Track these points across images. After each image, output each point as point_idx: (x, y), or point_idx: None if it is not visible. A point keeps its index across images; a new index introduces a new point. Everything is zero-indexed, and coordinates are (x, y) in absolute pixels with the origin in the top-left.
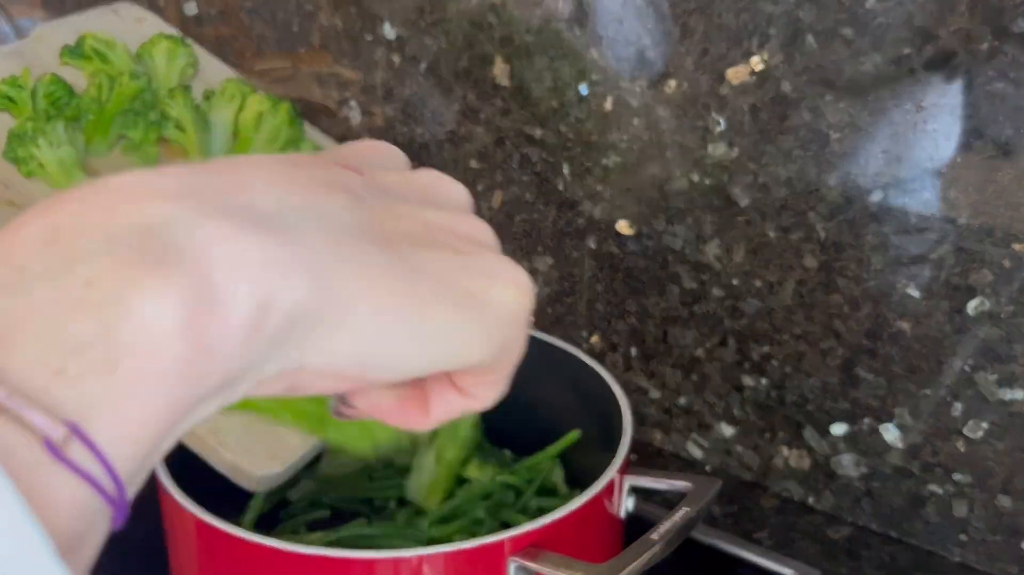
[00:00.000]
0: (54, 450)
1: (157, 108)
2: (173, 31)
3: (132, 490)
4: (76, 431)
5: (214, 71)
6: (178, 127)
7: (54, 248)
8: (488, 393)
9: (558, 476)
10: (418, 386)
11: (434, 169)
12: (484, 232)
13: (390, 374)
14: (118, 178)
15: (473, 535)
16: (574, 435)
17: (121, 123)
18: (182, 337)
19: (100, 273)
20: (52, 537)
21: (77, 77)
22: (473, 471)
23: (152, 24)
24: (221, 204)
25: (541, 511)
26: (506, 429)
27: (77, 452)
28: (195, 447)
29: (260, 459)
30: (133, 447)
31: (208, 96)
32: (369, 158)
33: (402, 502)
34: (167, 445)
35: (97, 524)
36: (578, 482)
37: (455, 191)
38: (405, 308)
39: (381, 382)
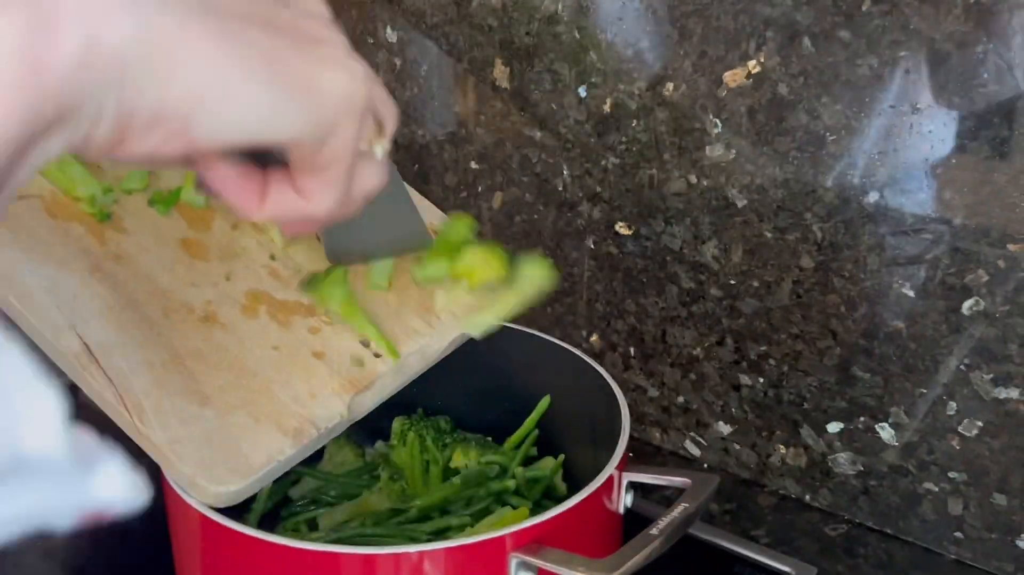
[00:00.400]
0: None
1: None
2: None
3: None
4: None
5: None
6: None
7: None
8: (323, 195)
9: (557, 476)
10: (259, 175)
11: None
12: (329, 33)
13: (209, 134)
14: None
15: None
16: (546, 401)
17: None
18: (17, 56)
19: None
20: None
21: None
22: (458, 459)
23: None
24: None
25: (537, 503)
26: (505, 427)
27: None
28: (155, 457)
29: (219, 474)
30: None
31: None
32: None
33: (401, 506)
34: (18, 174)
35: None
36: (577, 482)
37: (316, 5)
38: (227, 68)
39: (208, 146)
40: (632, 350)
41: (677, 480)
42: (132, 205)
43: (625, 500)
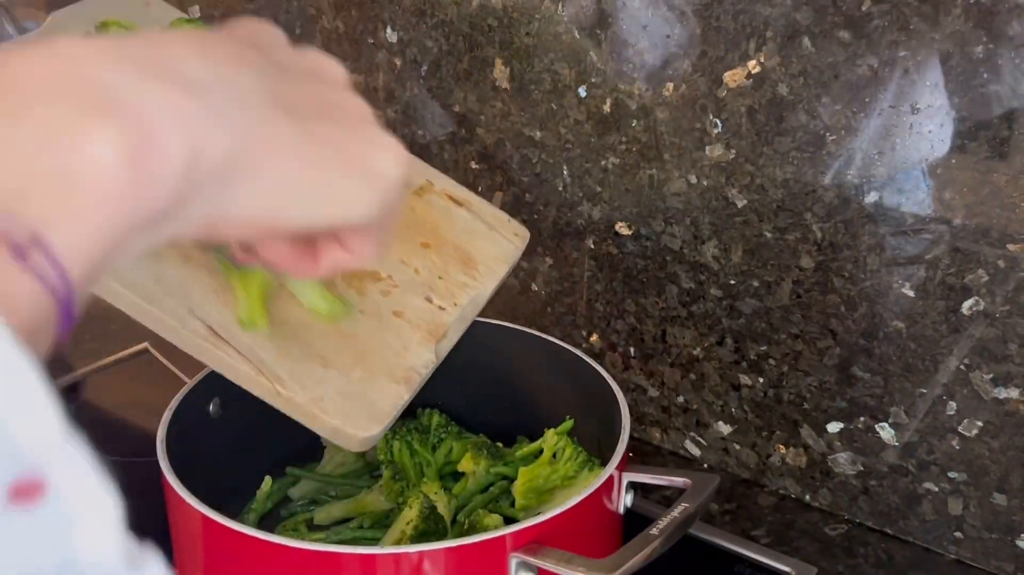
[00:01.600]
0: (19, 252)
1: None
2: (183, 14)
3: (79, 300)
4: (37, 239)
5: None
6: None
7: (12, 95)
8: (369, 248)
9: None
10: (310, 242)
11: (315, 48)
12: (363, 108)
13: (292, 225)
14: (62, 41)
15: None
16: (569, 423)
17: None
18: (124, 171)
19: (56, 115)
20: (12, 327)
21: None
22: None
23: (160, 8)
24: (155, 68)
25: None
26: (506, 427)
27: (37, 258)
28: (298, 417)
29: (361, 422)
30: (82, 258)
31: None
32: (259, 36)
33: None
34: (109, 264)
35: (49, 324)
36: None
37: (336, 70)
38: (307, 168)
39: (284, 233)
40: (632, 350)
41: (677, 480)
42: None
43: (625, 500)
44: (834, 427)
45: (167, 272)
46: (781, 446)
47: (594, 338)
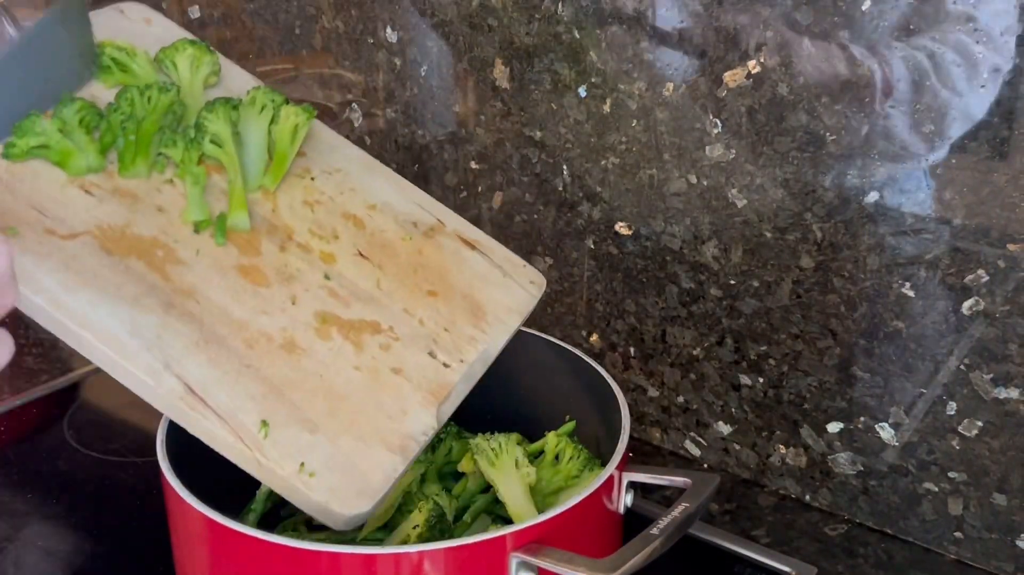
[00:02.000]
0: None
1: (187, 122)
2: (186, 33)
3: None
4: None
5: (232, 77)
6: (215, 142)
7: None
8: None
9: None
10: None
11: None
12: None
13: None
14: None
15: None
16: (571, 425)
17: (158, 141)
18: None
19: None
20: None
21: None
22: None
23: (160, 24)
24: None
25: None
26: (505, 427)
27: None
28: (280, 490)
29: (349, 498)
30: None
31: (235, 107)
32: None
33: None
34: None
35: None
36: None
37: None
38: None
39: None
40: (632, 350)
41: (677, 480)
42: (179, 233)
43: (625, 500)
44: (834, 427)
45: (145, 322)
46: (781, 446)
47: (594, 338)
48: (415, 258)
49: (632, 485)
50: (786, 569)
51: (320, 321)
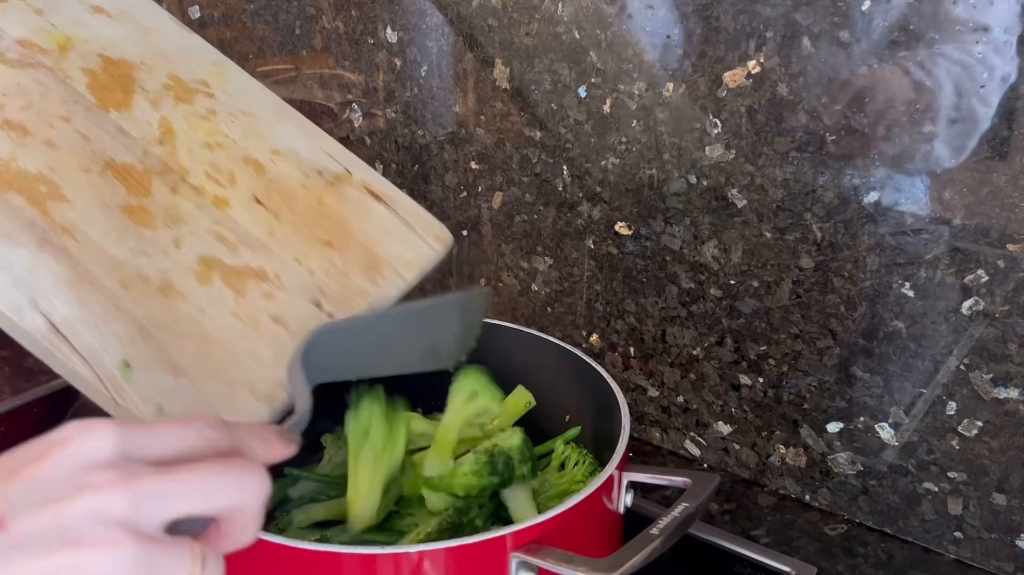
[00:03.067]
0: None
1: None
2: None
3: None
4: None
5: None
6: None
7: None
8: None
9: None
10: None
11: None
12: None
13: None
14: None
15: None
16: (576, 431)
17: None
18: None
19: None
20: None
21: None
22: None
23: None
24: None
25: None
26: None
27: None
28: None
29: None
30: None
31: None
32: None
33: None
34: None
35: None
36: None
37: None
38: None
39: None
40: (632, 350)
41: (677, 480)
42: (68, 171)
43: (625, 500)
44: (834, 427)
45: (17, 257)
46: (781, 446)
47: (594, 338)
48: (314, 207)
49: (632, 485)
50: (786, 569)
51: (203, 266)
